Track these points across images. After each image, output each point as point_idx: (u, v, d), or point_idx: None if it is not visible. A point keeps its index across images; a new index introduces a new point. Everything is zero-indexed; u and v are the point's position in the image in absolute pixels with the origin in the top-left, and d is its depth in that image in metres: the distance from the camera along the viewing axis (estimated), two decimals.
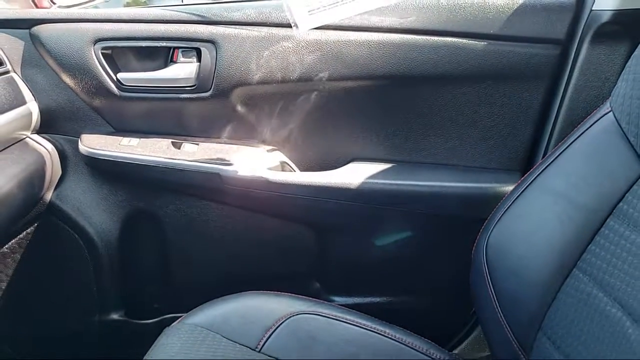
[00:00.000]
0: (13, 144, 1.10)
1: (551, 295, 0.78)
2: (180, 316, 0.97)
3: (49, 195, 1.21)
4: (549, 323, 0.77)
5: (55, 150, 1.20)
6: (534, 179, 0.87)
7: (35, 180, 1.12)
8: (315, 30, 1.06)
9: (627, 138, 0.75)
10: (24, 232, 1.23)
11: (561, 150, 0.86)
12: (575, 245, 0.77)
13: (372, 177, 1.17)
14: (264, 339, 0.91)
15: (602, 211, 0.76)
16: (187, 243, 1.30)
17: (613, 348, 0.65)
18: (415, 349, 0.93)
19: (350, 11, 1.02)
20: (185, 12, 1.13)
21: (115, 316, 1.35)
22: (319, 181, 1.17)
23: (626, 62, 0.80)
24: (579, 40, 1.06)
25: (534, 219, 0.85)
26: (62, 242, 1.26)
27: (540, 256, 0.81)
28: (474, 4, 1.07)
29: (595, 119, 0.82)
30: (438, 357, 0.92)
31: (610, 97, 0.81)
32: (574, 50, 1.07)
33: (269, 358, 0.88)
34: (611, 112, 0.79)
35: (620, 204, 0.74)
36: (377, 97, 1.16)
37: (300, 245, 1.28)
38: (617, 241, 0.72)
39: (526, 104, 1.13)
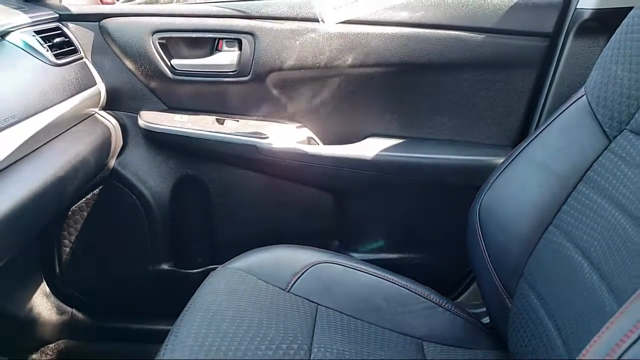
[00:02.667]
0: (86, 119, 1.15)
1: (531, 247, 0.82)
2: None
3: (112, 163, 1.25)
4: (528, 270, 0.82)
5: (118, 124, 1.24)
6: (521, 151, 0.90)
7: (103, 149, 1.16)
8: (339, 24, 1.09)
9: (596, 117, 0.80)
10: (91, 194, 1.28)
11: (543, 127, 0.89)
12: (551, 206, 0.81)
13: (385, 150, 1.19)
14: (292, 281, 0.96)
15: (574, 177, 0.80)
16: (227, 205, 1.32)
17: (575, 286, 0.70)
18: (418, 294, 0.97)
19: (369, 8, 1.06)
20: (229, 8, 1.16)
21: (165, 266, 1.37)
22: (340, 153, 1.20)
23: None
24: (564, 34, 1.08)
25: (519, 185, 0.88)
26: (122, 202, 1.29)
27: (523, 215, 0.85)
28: (475, 1, 1.09)
29: (572, 101, 0.86)
30: (438, 301, 0.96)
31: (585, 83, 0.84)
32: (561, 42, 1.09)
33: (296, 296, 0.93)
34: (585, 96, 0.83)
35: (589, 172, 0.78)
36: (390, 82, 1.18)
37: (323, 208, 1.31)
38: (584, 202, 0.76)
39: (518, 88, 1.14)
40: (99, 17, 1.18)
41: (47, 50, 1.03)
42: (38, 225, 0.97)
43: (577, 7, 1.05)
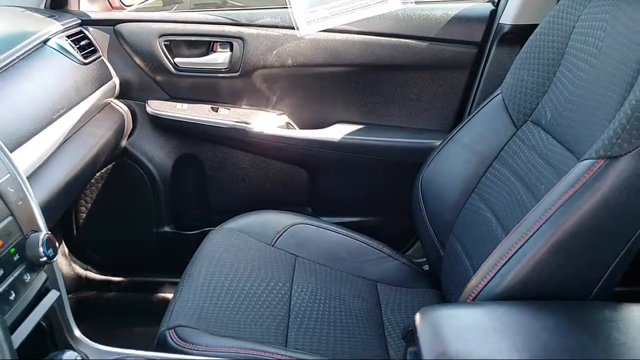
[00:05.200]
0: (104, 107, 1.22)
1: (458, 209, 0.95)
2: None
3: (123, 143, 1.32)
4: (456, 227, 0.95)
5: (129, 111, 1.30)
6: (452, 136, 1.02)
7: (118, 131, 1.23)
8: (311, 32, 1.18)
9: (508, 111, 0.93)
10: (105, 169, 1.33)
11: (470, 117, 1.01)
12: (473, 179, 0.94)
13: (350, 134, 1.28)
14: (275, 238, 1.06)
15: (491, 157, 0.93)
16: (220, 178, 1.38)
17: (486, 235, 0.84)
18: (374, 247, 1.09)
19: (335, 22, 1.16)
20: (222, 17, 1.23)
21: (167, 228, 1.42)
22: (313, 136, 1.28)
23: None
24: (490, 44, 1.18)
25: (450, 162, 1.01)
26: (131, 176, 1.35)
27: (453, 185, 0.97)
28: (420, 16, 1.19)
29: (492, 98, 0.98)
30: (389, 253, 1.09)
31: (501, 84, 0.97)
32: (487, 50, 1.19)
33: (279, 250, 1.03)
34: (500, 94, 0.96)
35: (502, 152, 0.92)
36: (354, 79, 1.27)
37: (298, 181, 1.38)
38: (497, 175, 0.90)
39: (454, 86, 1.24)
40: (114, 22, 1.25)
41: (77, 52, 1.10)
42: (80, 189, 1.04)
43: (500, 22, 1.16)
